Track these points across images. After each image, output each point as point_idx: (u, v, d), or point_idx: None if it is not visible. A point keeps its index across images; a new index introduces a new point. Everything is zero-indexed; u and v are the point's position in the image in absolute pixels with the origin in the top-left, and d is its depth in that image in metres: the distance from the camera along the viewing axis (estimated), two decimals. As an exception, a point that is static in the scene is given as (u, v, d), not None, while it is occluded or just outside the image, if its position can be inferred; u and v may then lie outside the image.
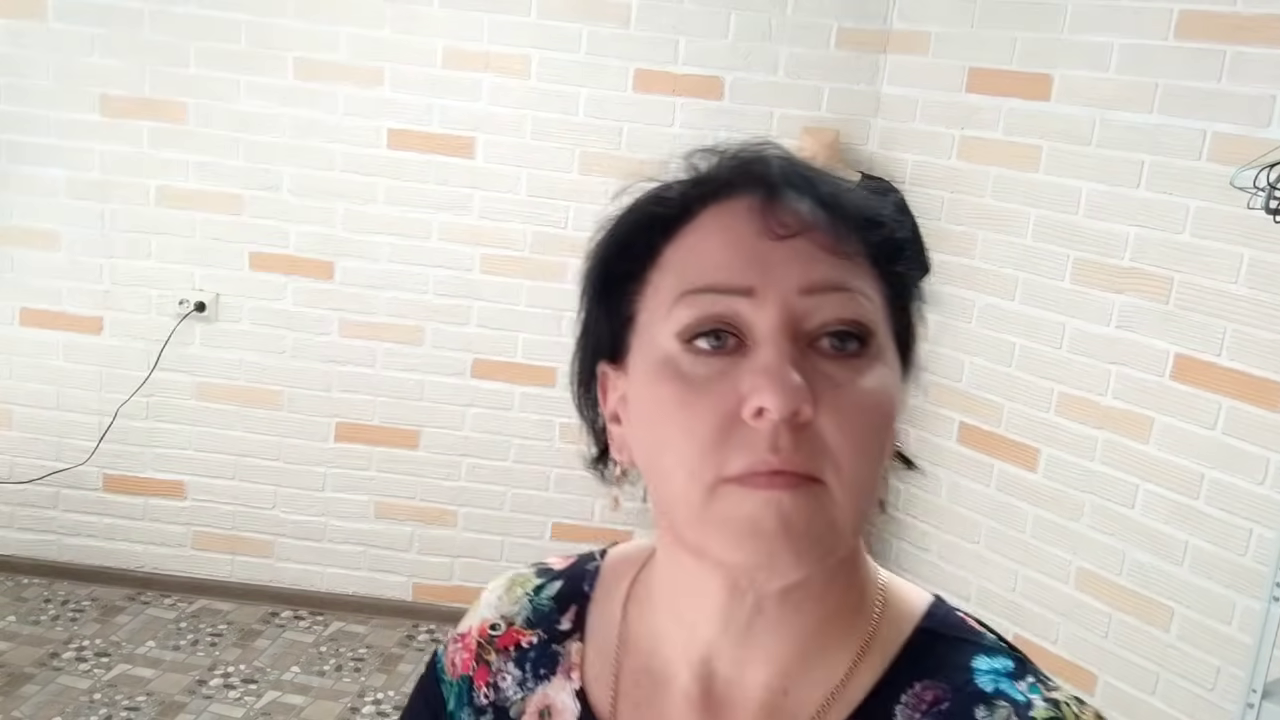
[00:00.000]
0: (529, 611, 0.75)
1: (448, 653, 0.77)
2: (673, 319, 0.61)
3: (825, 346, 0.60)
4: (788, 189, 0.62)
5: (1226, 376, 2.27)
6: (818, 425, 0.58)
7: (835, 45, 2.96)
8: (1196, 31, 2.29)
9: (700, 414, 0.59)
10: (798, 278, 0.60)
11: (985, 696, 0.63)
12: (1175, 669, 2.38)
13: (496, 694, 0.73)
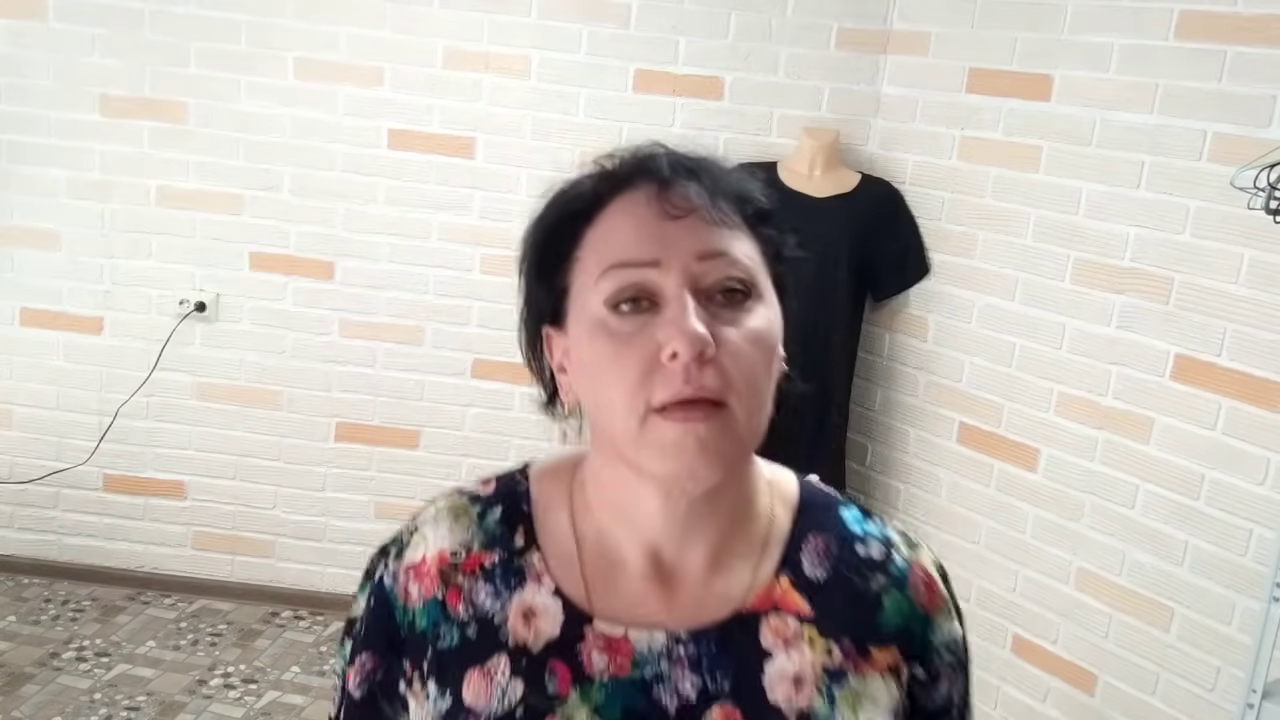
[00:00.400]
0: (482, 536, 0.87)
1: (398, 584, 0.86)
2: (599, 290, 0.78)
3: (719, 298, 0.78)
4: (677, 178, 0.80)
5: (1227, 377, 2.27)
6: (719, 359, 0.75)
7: (835, 45, 2.96)
8: (1197, 32, 2.29)
9: (629, 362, 0.76)
10: (692, 248, 0.78)
11: (856, 536, 0.89)
12: (1175, 669, 2.38)
13: (474, 609, 0.84)
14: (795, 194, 2.86)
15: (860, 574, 0.87)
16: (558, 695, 0.81)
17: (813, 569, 0.86)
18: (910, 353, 2.94)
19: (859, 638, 0.84)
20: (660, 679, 0.81)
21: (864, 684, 0.83)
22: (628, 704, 0.81)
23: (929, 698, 0.87)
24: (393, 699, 0.86)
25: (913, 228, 2.88)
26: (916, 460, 2.94)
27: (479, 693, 0.82)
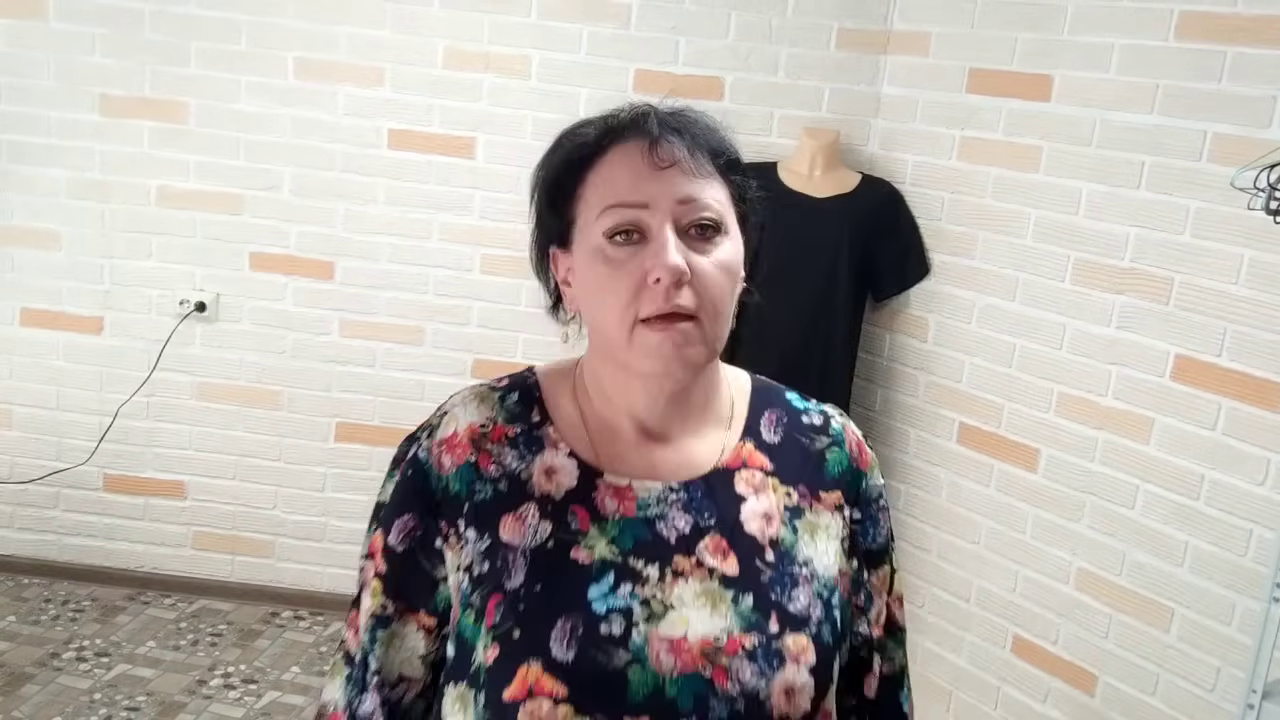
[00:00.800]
0: (504, 414, 1.07)
1: (432, 457, 1.06)
2: (599, 223, 0.98)
3: (693, 233, 0.99)
4: (664, 135, 0.99)
5: (1227, 377, 2.27)
6: (692, 282, 0.97)
7: (835, 46, 2.96)
8: (1197, 32, 2.29)
9: (622, 284, 0.97)
10: (673, 194, 0.98)
11: (800, 410, 1.13)
12: (1175, 670, 2.38)
13: (503, 469, 1.04)
14: (795, 194, 2.86)
15: (807, 436, 1.11)
16: (580, 531, 1.01)
17: (769, 435, 1.10)
18: (910, 353, 2.94)
19: (810, 484, 1.08)
20: (661, 517, 1.02)
21: (817, 517, 1.07)
22: (637, 536, 1.01)
23: (868, 539, 1.10)
24: (429, 553, 1.03)
25: (913, 228, 2.88)
26: (916, 460, 2.94)
27: (514, 532, 1.01)
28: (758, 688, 0.96)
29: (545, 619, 0.97)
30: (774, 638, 0.98)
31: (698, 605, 0.99)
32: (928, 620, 2.94)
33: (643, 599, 0.98)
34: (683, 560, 1.01)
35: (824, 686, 1.00)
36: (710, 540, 1.02)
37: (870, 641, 1.10)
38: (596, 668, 0.95)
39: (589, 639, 0.96)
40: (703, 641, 0.97)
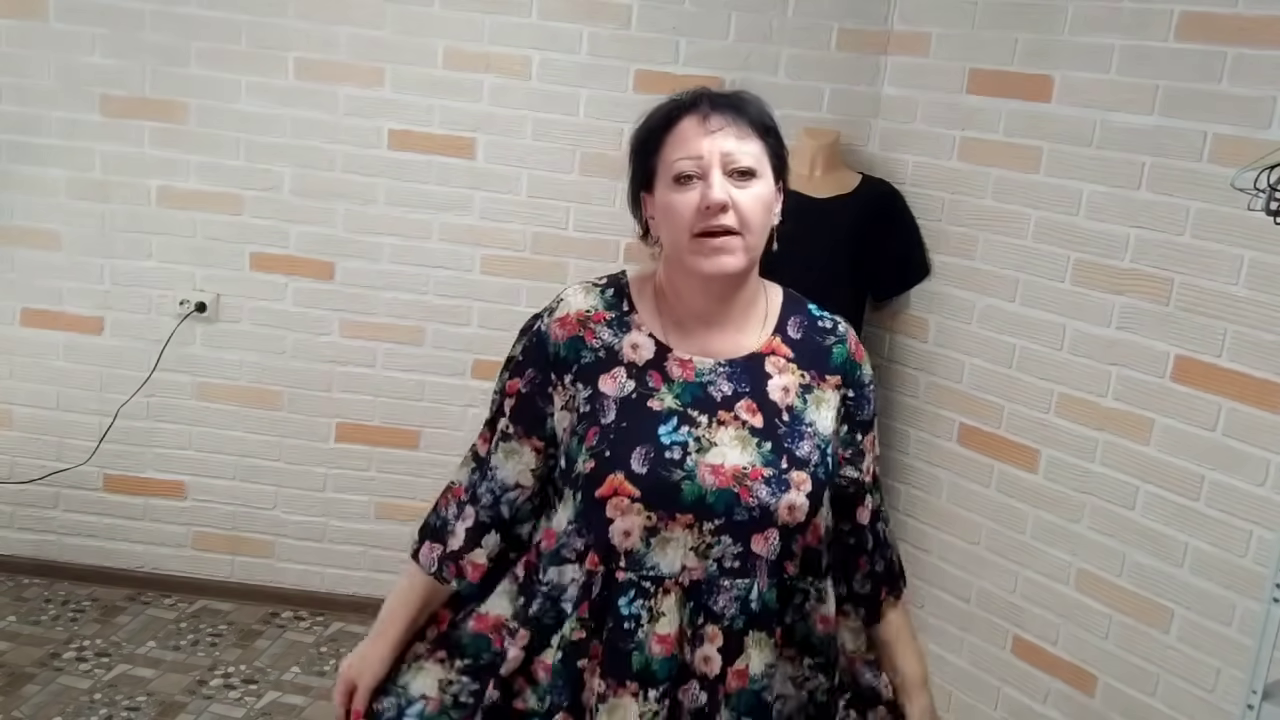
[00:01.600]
0: (602, 303, 1.47)
1: (550, 330, 1.46)
2: (670, 170, 1.39)
3: (735, 177, 1.37)
4: (715, 110, 1.40)
5: (1227, 378, 2.27)
6: (734, 209, 1.36)
7: (836, 46, 2.96)
8: (1197, 33, 2.29)
9: (686, 210, 1.37)
10: (720, 150, 1.37)
11: (817, 317, 1.52)
12: (1175, 670, 2.38)
13: (602, 342, 1.45)
14: (796, 195, 2.84)
15: (821, 336, 1.51)
16: (654, 388, 1.42)
17: (793, 332, 1.50)
18: (910, 353, 2.94)
19: (819, 370, 1.48)
20: (711, 383, 1.43)
21: (822, 393, 1.47)
22: (694, 394, 1.42)
23: (860, 411, 1.51)
24: (544, 397, 1.46)
25: (913, 229, 2.88)
26: (917, 461, 2.94)
27: (609, 386, 1.42)
28: (769, 503, 1.38)
29: (628, 445, 1.38)
30: (783, 472, 1.40)
31: (733, 445, 1.40)
32: (928, 621, 2.94)
33: (695, 437, 1.40)
34: (725, 414, 1.42)
35: (815, 507, 1.42)
36: (745, 402, 1.43)
37: (862, 484, 1.53)
38: (660, 480, 1.37)
39: (657, 460, 1.38)
40: (735, 469, 1.39)
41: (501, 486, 1.48)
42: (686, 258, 1.39)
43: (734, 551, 1.37)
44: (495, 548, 1.49)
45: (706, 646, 1.39)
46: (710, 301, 1.45)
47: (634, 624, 1.37)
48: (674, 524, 1.37)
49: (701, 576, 1.37)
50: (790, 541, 1.40)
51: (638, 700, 1.36)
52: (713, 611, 1.38)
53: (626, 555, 1.37)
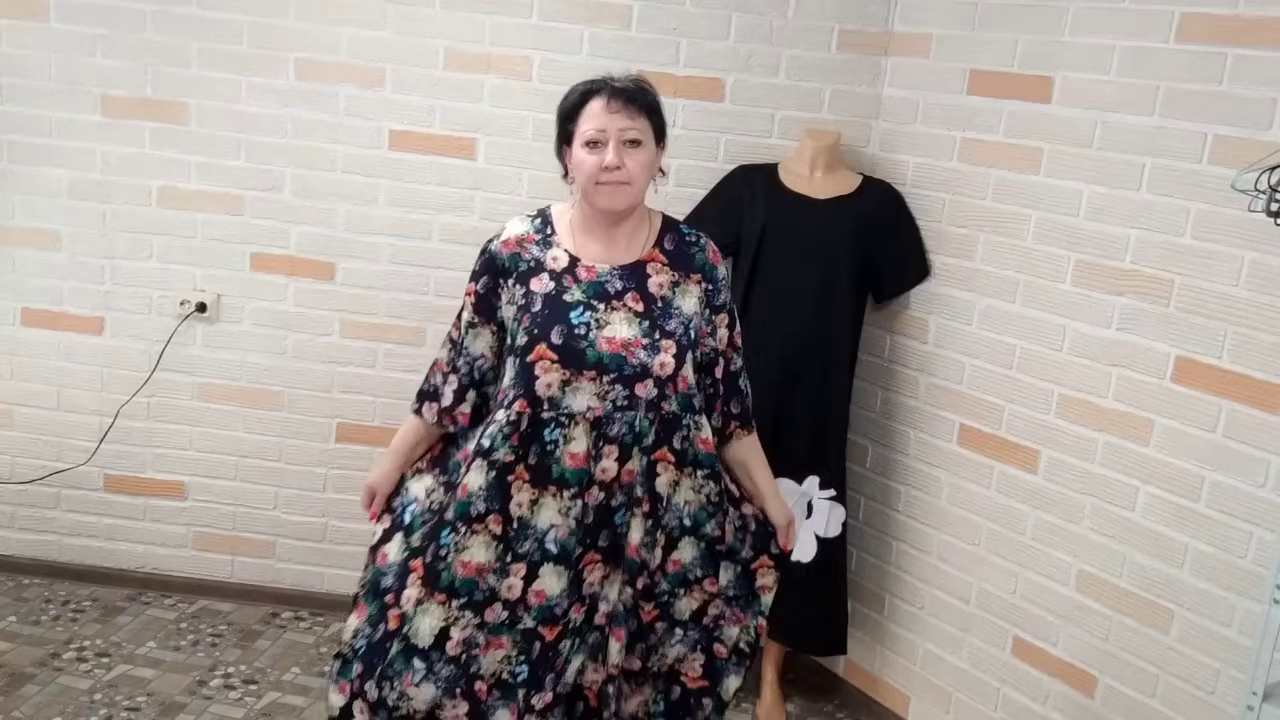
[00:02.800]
0: (533, 229, 2.08)
1: (497, 249, 2.07)
2: (582, 137, 1.98)
3: (628, 145, 1.97)
4: (614, 96, 1.98)
5: (1227, 379, 2.27)
6: (625, 167, 1.96)
7: (836, 47, 2.96)
8: (1198, 34, 2.29)
9: (592, 166, 1.97)
10: (619, 125, 1.96)
11: (687, 233, 2.13)
12: (1175, 671, 2.38)
13: (533, 255, 2.05)
14: (796, 196, 2.86)
15: (688, 247, 2.11)
16: (568, 286, 2.02)
17: (669, 245, 2.09)
18: (911, 354, 2.94)
19: (685, 271, 2.08)
20: (608, 282, 2.03)
21: (687, 287, 2.07)
22: (595, 290, 2.02)
23: (715, 299, 2.11)
24: (495, 295, 2.08)
25: (913, 229, 2.88)
26: (917, 462, 2.94)
27: (537, 285, 2.03)
28: (647, 362, 2.00)
29: (549, 325, 1.99)
30: (656, 340, 2.02)
31: (622, 324, 2.01)
32: (928, 622, 2.94)
33: (595, 319, 2.01)
34: (617, 303, 2.03)
35: (680, 365, 2.03)
36: (631, 294, 2.05)
37: (719, 351, 2.15)
38: (571, 348, 1.98)
39: (569, 335, 1.99)
40: (623, 340, 2.00)
41: (472, 358, 2.12)
42: (591, 197, 2.01)
43: (623, 395, 2.00)
44: (474, 402, 2.14)
45: (605, 461, 2.01)
46: (608, 226, 2.06)
47: (554, 446, 2.00)
48: (581, 377, 1.99)
49: (601, 413, 2.00)
50: (663, 388, 2.02)
51: (557, 499, 2.01)
52: (609, 436, 2.01)
53: (548, 401, 1.99)
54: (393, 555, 2.10)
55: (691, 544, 2.14)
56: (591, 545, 2.05)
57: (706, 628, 2.21)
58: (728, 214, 2.95)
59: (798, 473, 2.87)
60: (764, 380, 2.85)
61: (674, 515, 2.11)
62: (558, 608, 2.02)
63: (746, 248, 2.87)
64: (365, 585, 2.12)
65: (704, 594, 2.18)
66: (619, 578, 2.08)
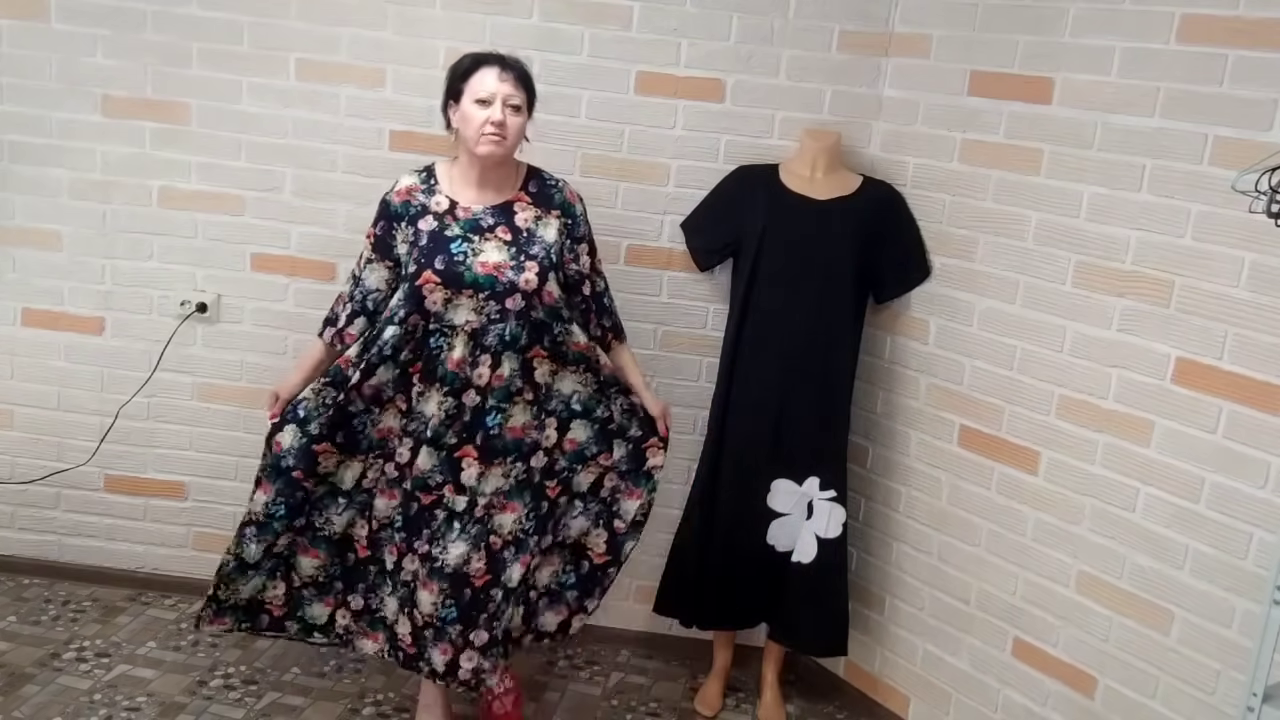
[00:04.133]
0: (419, 181, 2.54)
1: (392, 198, 2.53)
2: (474, 95, 2.42)
3: (509, 109, 2.42)
4: (504, 66, 2.43)
5: (1228, 380, 2.27)
6: (504, 125, 2.41)
7: (837, 48, 2.96)
8: (1198, 35, 2.29)
9: (479, 119, 2.40)
10: (503, 91, 2.41)
11: (548, 178, 2.59)
12: (1176, 673, 2.38)
13: (420, 200, 2.51)
14: (797, 196, 2.86)
15: (548, 190, 2.55)
16: (449, 223, 2.47)
17: (533, 189, 2.54)
18: (911, 355, 2.94)
19: (546, 208, 2.53)
20: (481, 219, 2.48)
21: (548, 219, 2.52)
22: (471, 225, 2.47)
23: (575, 231, 2.57)
24: (390, 236, 2.52)
25: (914, 230, 2.88)
26: (917, 463, 2.94)
27: (424, 225, 2.47)
28: (514, 280, 2.43)
29: (433, 255, 2.43)
30: (521, 263, 2.45)
31: (493, 251, 2.45)
32: (928, 623, 2.94)
33: (471, 248, 2.44)
34: (489, 235, 2.47)
35: (542, 282, 2.46)
36: (501, 228, 2.48)
37: (583, 274, 2.62)
38: (452, 272, 2.42)
39: (449, 262, 2.43)
40: (494, 263, 2.44)
41: (366, 290, 2.56)
42: (474, 145, 2.41)
43: (495, 309, 2.43)
44: (363, 327, 2.56)
45: (480, 367, 2.46)
46: (484, 172, 2.48)
47: (439, 351, 2.47)
48: (460, 295, 2.43)
49: (478, 325, 2.44)
50: (530, 300, 2.45)
51: (439, 393, 2.48)
52: (484, 345, 2.45)
53: (434, 315, 2.44)
54: (287, 442, 2.52)
55: (584, 425, 2.64)
56: (468, 440, 2.50)
57: (604, 500, 2.71)
58: (728, 215, 2.95)
59: (798, 473, 2.87)
60: (765, 381, 2.86)
61: (560, 401, 2.60)
62: (430, 480, 2.51)
63: (747, 248, 2.87)
64: (266, 469, 2.55)
65: (599, 467, 2.69)
66: (499, 468, 2.52)
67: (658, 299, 3.14)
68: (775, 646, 3.09)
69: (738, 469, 2.89)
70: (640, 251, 3.10)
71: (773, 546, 2.92)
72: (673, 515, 3.10)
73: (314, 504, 2.59)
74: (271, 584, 2.68)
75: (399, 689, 3.02)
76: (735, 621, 3.06)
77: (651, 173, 3.06)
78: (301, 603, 2.69)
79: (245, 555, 2.62)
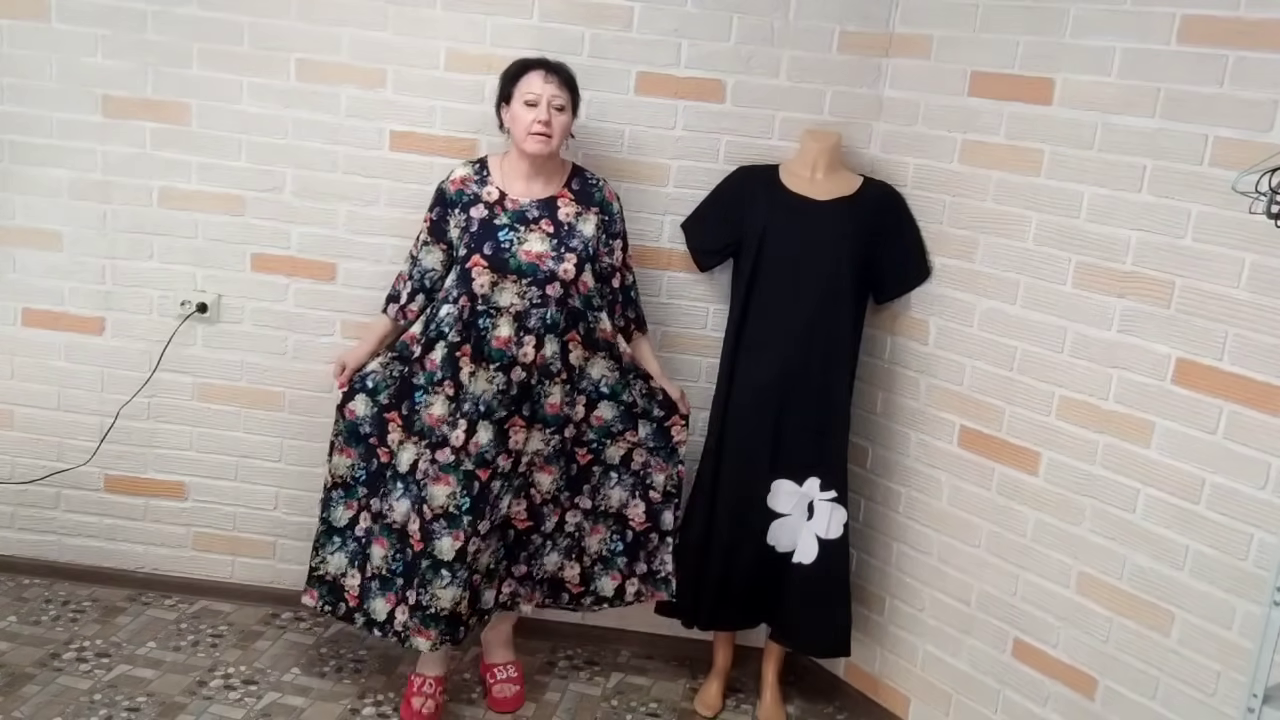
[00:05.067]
0: (473, 171, 2.79)
1: (447, 186, 2.80)
2: (522, 97, 2.67)
3: (555, 108, 2.67)
4: (550, 70, 2.68)
5: (1228, 381, 2.27)
6: (550, 124, 2.65)
7: (837, 49, 2.97)
8: (1199, 36, 2.29)
9: (528, 119, 2.65)
10: (550, 93, 2.66)
11: (590, 177, 2.83)
12: (1176, 674, 2.38)
13: (474, 189, 2.76)
14: (797, 197, 2.86)
15: (590, 189, 2.80)
16: (498, 214, 2.72)
17: (576, 186, 2.79)
18: (911, 356, 2.94)
19: (587, 205, 2.78)
20: (528, 210, 2.73)
21: (588, 215, 2.77)
22: (518, 216, 2.72)
23: (611, 227, 2.82)
24: (445, 221, 2.79)
25: (914, 231, 2.88)
26: (917, 463, 2.94)
27: (475, 213, 2.73)
28: (554, 269, 2.68)
29: (482, 241, 2.68)
30: (562, 254, 2.70)
31: (537, 241, 2.69)
32: (928, 623, 2.94)
33: (517, 237, 2.69)
34: (534, 226, 2.71)
35: (580, 272, 2.71)
36: (545, 221, 2.72)
37: (614, 267, 2.84)
38: (499, 258, 2.67)
39: (497, 248, 2.68)
40: (537, 253, 2.68)
41: (423, 270, 2.83)
42: (522, 143, 2.66)
43: (537, 294, 2.68)
44: (423, 304, 2.84)
45: (525, 346, 2.69)
46: (532, 168, 2.72)
47: (485, 331, 2.68)
48: (506, 280, 2.67)
49: (522, 308, 2.68)
50: (568, 289, 2.70)
51: (488, 371, 2.68)
52: (528, 327, 2.69)
53: (482, 298, 2.67)
54: (360, 410, 2.82)
55: (610, 405, 2.87)
56: (516, 411, 2.73)
57: (637, 473, 2.94)
58: (728, 215, 2.95)
59: (799, 474, 2.87)
60: (765, 381, 2.86)
61: (589, 383, 2.83)
62: (488, 454, 2.70)
63: (747, 249, 2.87)
64: (341, 434, 2.84)
65: (627, 443, 2.91)
66: (540, 434, 2.78)
67: (658, 299, 3.14)
68: (775, 647, 3.09)
69: (738, 470, 2.89)
70: (640, 252, 3.10)
71: (773, 547, 2.92)
72: (673, 516, 3.10)
73: (385, 489, 2.81)
74: (352, 572, 2.88)
75: (399, 689, 3.02)
76: (735, 622, 3.06)
77: (652, 173, 3.06)
78: (369, 595, 2.84)
79: (333, 519, 2.88)
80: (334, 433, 2.85)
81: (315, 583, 2.91)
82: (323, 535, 2.88)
